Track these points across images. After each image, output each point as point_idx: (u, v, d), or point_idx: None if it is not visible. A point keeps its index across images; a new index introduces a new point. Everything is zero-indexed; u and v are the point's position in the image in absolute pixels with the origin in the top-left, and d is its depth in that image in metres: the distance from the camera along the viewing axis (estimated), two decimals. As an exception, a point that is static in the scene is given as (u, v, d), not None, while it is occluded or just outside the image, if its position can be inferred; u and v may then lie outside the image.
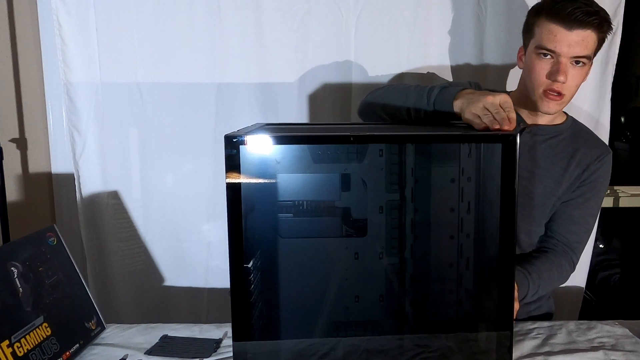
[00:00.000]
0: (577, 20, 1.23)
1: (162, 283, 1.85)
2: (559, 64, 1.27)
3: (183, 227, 1.82)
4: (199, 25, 1.71)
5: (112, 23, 1.71)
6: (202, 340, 1.18)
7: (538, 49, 1.29)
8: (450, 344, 1.15)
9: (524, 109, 1.40)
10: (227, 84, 1.74)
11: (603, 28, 1.26)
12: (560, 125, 1.42)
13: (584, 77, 1.32)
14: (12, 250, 1.08)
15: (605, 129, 1.74)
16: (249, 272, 1.02)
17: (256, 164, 1.07)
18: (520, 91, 1.41)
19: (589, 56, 1.28)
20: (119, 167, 1.79)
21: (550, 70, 1.28)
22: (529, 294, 1.28)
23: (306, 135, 1.03)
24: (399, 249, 1.21)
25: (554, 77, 1.27)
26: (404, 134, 1.09)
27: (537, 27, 1.29)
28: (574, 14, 1.23)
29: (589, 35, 1.25)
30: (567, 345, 1.14)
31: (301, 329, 1.21)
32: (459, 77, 1.76)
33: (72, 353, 1.11)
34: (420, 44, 1.73)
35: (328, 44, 1.73)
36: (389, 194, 1.19)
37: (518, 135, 0.93)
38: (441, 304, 1.20)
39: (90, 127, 1.75)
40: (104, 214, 1.80)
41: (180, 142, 1.78)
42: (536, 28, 1.30)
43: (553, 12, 1.25)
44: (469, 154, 1.10)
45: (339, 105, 1.76)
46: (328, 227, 1.21)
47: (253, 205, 1.07)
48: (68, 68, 1.71)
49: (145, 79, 1.74)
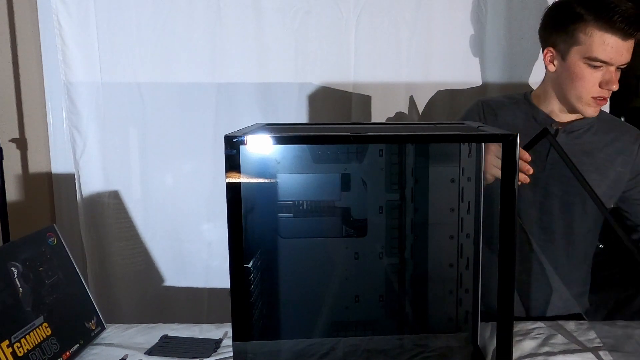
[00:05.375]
0: (631, 29, 1.20)
1: (162, 283, 1.85)
2: (612, 72, 1.25)
3: (183, 227, 1.82)
4: (199, 25, 1.71)
5: (112, 23, 1.71)
6: (202, 340, 1.18)
7: (589, 60, 1.25)
8: (450, 344, 1.15)
9: (554, 108, 1.38)
10: (227, 84, 1.75)
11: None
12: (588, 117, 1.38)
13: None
14: (12, 250, 1.08)
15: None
16: (249, 272, 1.02)
17: (256, 164, 1.07)
18: (550, 91, 1.38)
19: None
20: (119, 167, 1.79)
21: (602, 79, 1.26)
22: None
23: (306, 135, 1.03)
24: (399, 249, 1.21)
25: (609, 86, 1.26)
26: (404, 134, 1.09)
27: (583, 35, 1.24)
28: (627, 22, 1.20)
29: (634, 41, 1.24)
30: (567, 346, 1.14)
31: (301, 329, 1.21)
32: (459, 77, 1.76)
33: (72, 353, 1.10)
34: (420, 44, 1.73)
35: (328, 44, 1.73)
36: (389, 194, 1.19)
37: (552, 134, 0.90)
38: (441, 304, 1.19)
39: (90, 127, 1.75)
40: (105, 214, 1.80)
41: (180, 142, 1.78)
42: (582, 35, 1.25)
43: (605, 21, 1.21)
44: (469, 154, 1.10)
45: (339, 105, 1.76)
46: (328, 227, 1.21)
47: (253, 206, 1.07)
48: (68, 68, 1.71)
49: (145, 79, 1.74)
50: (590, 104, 1.30)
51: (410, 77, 1.75)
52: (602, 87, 1.27)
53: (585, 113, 1.32)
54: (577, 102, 1.31)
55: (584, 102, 1.31)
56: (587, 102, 1.30)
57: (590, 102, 1.30)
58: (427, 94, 1.77)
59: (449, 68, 1.75)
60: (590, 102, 1.30)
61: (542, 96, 1.40)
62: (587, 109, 1.31)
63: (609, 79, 1.26)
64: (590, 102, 1.30)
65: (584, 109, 1.32)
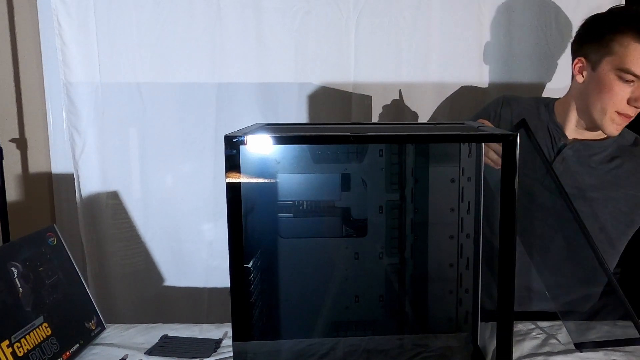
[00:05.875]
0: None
1: (162, 283, 1.85)
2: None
3: (183, 227, 1.82)
4: (199, 25, 1.71)
5: (112, 23, 1.71)
6: (202, 340, 1.18)
7: (621, 72, 1.22)
8: (450, 343, 1.15)
9: (570, 121, 1.36)
10: (227, 84, 1.74)
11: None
12: (605, 139, 1.35)
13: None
14: (12, 250, 1.08)
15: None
16: (249, 272, 1.02)
17: (256, 164, 1.07)
18: (572, 103, 1.35)
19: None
20: (118, 167, 1.79)
21: (632, 96, 1.23)
22: None
23: (306, 135, 1.03)
24: (399, 249, 1.21)
25: (637, 103, 1.23)
26: (404, 134, 1.09)
27: (619, 46, 1.22)
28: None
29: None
30: (567, 345, 1.14)
31: (301, 329, 1.21)
32: (459, 77, 1.76)
33: (72, 353, 1.10)
34: (420, 45, 1.73)
35: (328, 44, 1.73)
36: (389, 194, 1.19)
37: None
38: (441, 304, 1.19)
39: (90, 127, 1.75)
40: (104, 214, 1.80)
41: (180, 142, 1.78)
42: (618, 46, 1.22)
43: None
44: (469, 154, 1.10)
45: (339, 105, 1.77)
46: (328, 227, 1.21)
47: (253, 205, 1.07)
48: (68, 68, 1.71)
49: (145, 79, 1.74)
50: (615, 119, 1.27)
51: (410, 77, 1.75)
52: (630, 103, 1.24)
53: (607, 130, 1.29)
54: (600, 115, 1.28)
55: (607, 117, 1.27)
56: (611, 116, 1.27)
57: (614, 117, 1.27)
58: (427, 94, 1.77)
59: (448, 68, 1.75)
60: (615, 118, 1.27)
61: (562, 107, 1.38)
62: (609, 125, 1.28)
63: (638, 95, 1.23)
64: (615, 118, 1.27)
65: (607, 124, 1.28)
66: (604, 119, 1.28)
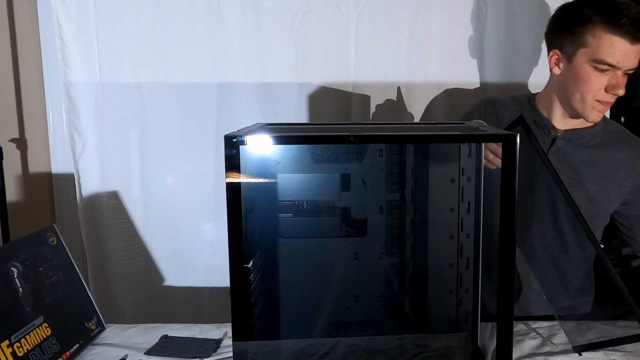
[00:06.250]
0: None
1: (162, 283, 1.85)
2: (618, 77, 1.24)
3: (183, 227, 1.82)
4: (199, 25, 1.71)
5: (112, 23, 1.71)
6: (202, 340, 1.18)
7: (596, 62, 1.24)
8: (450, 343, 1.15)
9: (555, 112, 1.37)
10: (228, 84, 1.75)
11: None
12: (594, 127, 1.37)
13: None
14: (12, 250, 1.08)
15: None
16: (249, 272, 1.02)
17: (256, 164, 1.07)
18: (553, 95, 1.37)
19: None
20: (118, 167, 1.79)
21: (608, 84, 1.25)
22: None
23: (306, 135, 1.03)
24: (399, 249, 1.21)
25: (614, 91, 1.24)
26: (404, 134, 1.09)
27: (591, 37, 1.23)
28: (636, 26, 1.18)
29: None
30: (567, 345, 1.14)
31: (301, 329, 1.21)
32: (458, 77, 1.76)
33: (72, 353, 1.10)
34: (420, 44, 1.73)
35: (328, 44, 1.73)
36: (389, 194, 1.19)
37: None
38: (441, 304, 1.20)
39: (90, 127, 1.75)
40: (104, 214, 1.80)
41: (180, 142, 1.78)
42: (590, 38, 1.23)
43: (614, 24, 1.20)
44: (469, 154, 1.10)
45: (339, 105, 1.77)
46: (328, 227, 1.21)
47: (253, 205, 1.07)
48: (68, 68, 1.71)
49: (145, 79, 1.74)
50: (595, 107, 1.29)
51: (409, 77, 1.75)
52: (608, 91, 1.26)
53: (589, 118, 1.31)
54: (581, 105, 1.30)
55: (587, 106, 1.29)
56: (591, 105, 1.29)
57: (594, 105, 1.28)
58: (427, 94, 1.77)
59: (448, 68, 1.75)
60: (595, 105, 1.28)
61: (545, 100, 1.40)
62: (590, 113, 1.30)
63: (615, 83, 1.24)
64: (595, 105, 1.28)
65: (588, 113, 1.30)
66: (585, 107, 1.30)
